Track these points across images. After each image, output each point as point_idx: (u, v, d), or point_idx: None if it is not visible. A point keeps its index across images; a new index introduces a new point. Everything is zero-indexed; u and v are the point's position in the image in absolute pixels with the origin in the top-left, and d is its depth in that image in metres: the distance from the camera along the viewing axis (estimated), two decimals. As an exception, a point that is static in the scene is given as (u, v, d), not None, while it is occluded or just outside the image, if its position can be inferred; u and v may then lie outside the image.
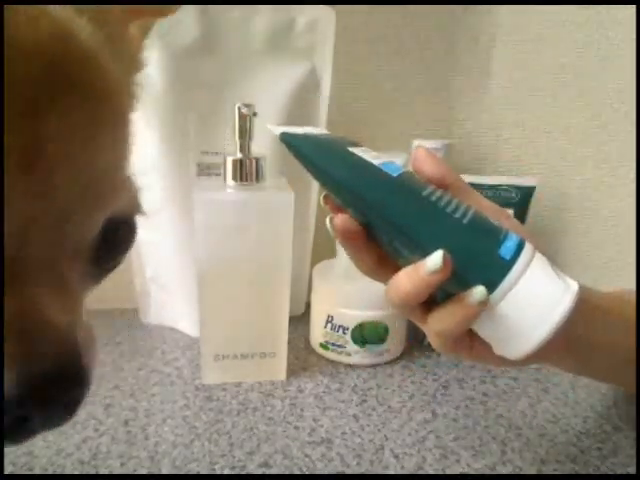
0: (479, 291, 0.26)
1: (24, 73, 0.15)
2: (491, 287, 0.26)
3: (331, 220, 0.29)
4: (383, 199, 0.28)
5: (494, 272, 0.27)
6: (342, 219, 0.28)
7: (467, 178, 0.64)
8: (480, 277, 0.27)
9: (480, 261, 0.27)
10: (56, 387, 0.17)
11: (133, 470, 0.36)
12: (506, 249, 0.27)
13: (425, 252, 0.27)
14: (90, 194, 0.18)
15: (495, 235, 0.28)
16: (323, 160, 0.29)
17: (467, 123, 0.62)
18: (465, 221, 0.28)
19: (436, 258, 0.26)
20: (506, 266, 0.27)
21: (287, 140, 0.30)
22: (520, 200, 0.59)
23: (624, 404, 0.46)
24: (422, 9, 0.59)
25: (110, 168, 0.19)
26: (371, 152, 0.31)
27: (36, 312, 0.17)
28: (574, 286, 0.27)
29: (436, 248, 0.27)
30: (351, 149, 0.30)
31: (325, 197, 0.30)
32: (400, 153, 0.60)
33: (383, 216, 0.28)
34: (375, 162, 0.29)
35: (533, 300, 0.27)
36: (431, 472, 0.37)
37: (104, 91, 0.19)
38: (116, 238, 0.21)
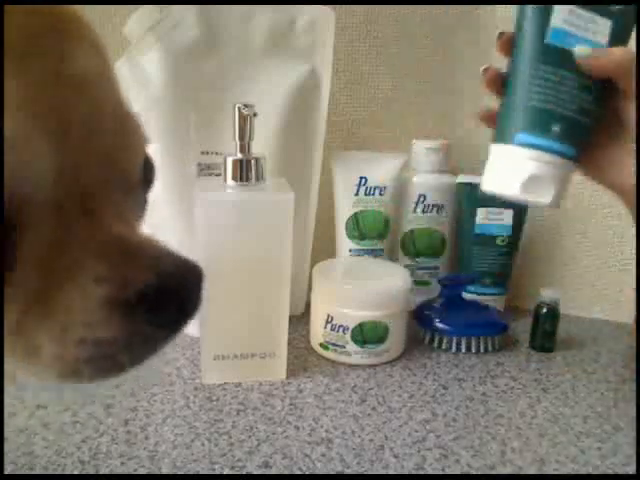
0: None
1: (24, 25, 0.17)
2: None
3: (484, 70, 0.38)
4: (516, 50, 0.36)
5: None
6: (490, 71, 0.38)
7: (467, 178, 0.64)
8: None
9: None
10: (191, 279, 0.21)
11: (133, 470, 0.36)
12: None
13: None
14: (129, 129, 0.20)
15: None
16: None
17: (467, 123, 0.62)
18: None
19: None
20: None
21: None
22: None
23: (624, 404, 0.46)
24: (422, 9, 0.59)
25: (129, 107, 0.21)
26: (582, 13, 0.35)
27: (124, 235, 0.19)
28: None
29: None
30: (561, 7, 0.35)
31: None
32: (400, 153, 0.60)
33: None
34: (561, 25, 0.35)
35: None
36: (431, 472, 0.37)
37: (99, 42, 0.20)
38: (146, 172, 0.22)
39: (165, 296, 0.19)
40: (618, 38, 0.36)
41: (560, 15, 0.35)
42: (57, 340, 0.17)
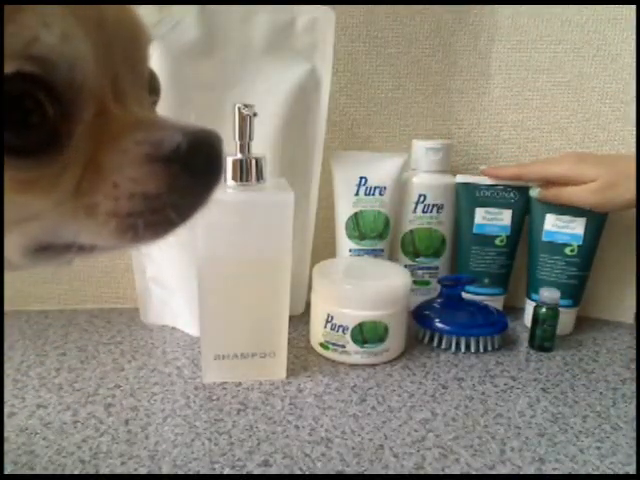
0: None
1: None
2: None
3: None
4: None
5: None
6: None
7: (467, 178, 0.64)
8: None
9: None
10: (212, 135, 0.24)
11: (133, 469, 0.37)
12: None
13: None
14: (142, 36, 0.24)
15: None
16: None
17: (467, 123, 0.63)
18: None
19: None
20: None
21: None
22: (519, 201, 0.59)
23: (623, 403, 0.46)
24: (422, 9, 0.59)
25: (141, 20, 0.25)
26: None
27: (150, 115, 0.24)
28: None
29: None
30: None
31: None
32: (400, 153, 0.60)
33: None
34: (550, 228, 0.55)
35: None
36: (430, 471, 0.37)
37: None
38: (151, 79, 0.26)
39: (194, 149, 0.22)
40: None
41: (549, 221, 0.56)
42: (110, 196, 0.21)
